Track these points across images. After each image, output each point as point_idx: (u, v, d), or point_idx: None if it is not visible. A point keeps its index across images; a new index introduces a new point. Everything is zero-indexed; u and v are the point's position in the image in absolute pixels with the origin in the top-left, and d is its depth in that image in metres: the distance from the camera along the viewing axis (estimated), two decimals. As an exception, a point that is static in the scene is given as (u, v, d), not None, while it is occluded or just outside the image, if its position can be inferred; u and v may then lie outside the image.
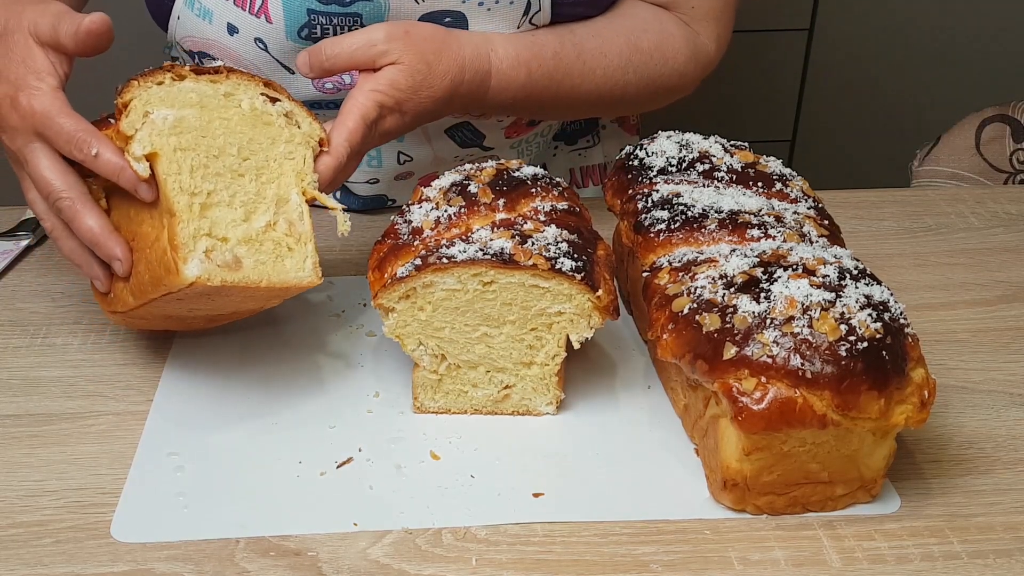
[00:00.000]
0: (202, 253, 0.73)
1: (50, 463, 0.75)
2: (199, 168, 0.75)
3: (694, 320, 0.71)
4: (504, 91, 0.94)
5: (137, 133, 0.74)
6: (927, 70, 2.36)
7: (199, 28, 0.99)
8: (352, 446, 0.77)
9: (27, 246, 1.02)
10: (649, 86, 1.03)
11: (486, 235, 0.77)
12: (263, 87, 0.79)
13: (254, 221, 0.76)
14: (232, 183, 0.76)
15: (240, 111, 0.77)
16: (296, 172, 0.78)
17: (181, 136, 0.74)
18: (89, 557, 0.67)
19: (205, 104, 0.76)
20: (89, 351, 0.87)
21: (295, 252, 0.77)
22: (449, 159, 1.10)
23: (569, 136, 1.22)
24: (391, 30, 0.86)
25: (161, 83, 0.76)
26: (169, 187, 0.73)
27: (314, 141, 0.80)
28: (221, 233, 0.75)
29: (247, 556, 0.67)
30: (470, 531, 0.70)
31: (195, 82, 0.77)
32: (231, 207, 0.75)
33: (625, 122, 1.27)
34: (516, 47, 0.94)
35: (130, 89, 0.75)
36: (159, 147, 0.74)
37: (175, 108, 0.75)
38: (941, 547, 0.69)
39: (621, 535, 0.69)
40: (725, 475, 0.70)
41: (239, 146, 0.76)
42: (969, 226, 1.10)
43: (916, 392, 0.68)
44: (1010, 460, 0.77)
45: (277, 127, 0.78)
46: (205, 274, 0.73)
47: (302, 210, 0.78)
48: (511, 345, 0.78)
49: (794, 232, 0.79)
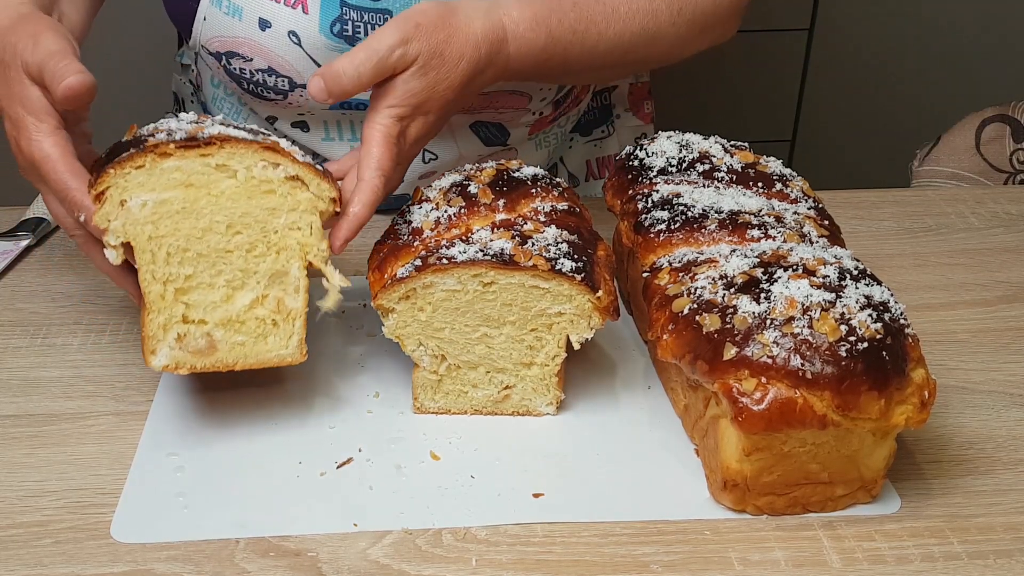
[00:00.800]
0: (172, 340, 0.72)
1: (50, 463, 0.75)
2: (178, 252, 0.72)
3: (694, 320, 0.71)
4: (526, 56, 0.87)
5: (111, 223, 0.70)
6: (927, 70, 2.36)
7: (228, 27, 0.97)
8: (352, 446, 0.77)
9: (27, 246, 1.02)
10: (682, 16, 0.95)
11: (486, 236, 0.77)
12: (263, 152, 0.72)
13: (238, 300, 0.74)
14: (217, 261, 0.73)
15: (235, 182, 0.72)
16: (301, 244, 0.74)
17: (159, 223, 0.71)
18: (89, 557, 0.67)
19: (192, 182, 0.71)
20: (89, 351, 0.87)
21: (280, 329, 0.75)
22: (472, 158, 1.10)
23: (584, 127, 1.22)
24: (403, 29, 0.80)
25: (141, 167, 0.70)
26: (141, 276, 0.71)
27: (324, 203, 0.74)
28: (197, 316, 0.73)
29: (247, 556, 0.67)
30: (470, 531, 0.70)
31: (181, 159, 0.71)
32: (212, 288, 0.73)
33: (640, 110, 1.26)
34: (531, 5, 0.87)
35: (105, 178, 0.70)
36: (132, 236, 0.70)
37: (156, 191, 0.70)
38: (941, 547, 0.69)
39: (621, 535, 0.69)
40: (725, 475, 0.70)
41: (229, 222, 0.72)
42: (969, 226, 1.10)
43: (916, 392, 0.68)
44: (1010, 460, 0.77)
45: (279, 195, 0.73)
46: (173, 363, 0.72)
47: (299, 284, 0.75)
48: (511, 346, 0.78)
49: (794, 232, 0.79)
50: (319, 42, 0.96)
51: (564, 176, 1.24)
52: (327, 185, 0.74)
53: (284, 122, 1.09)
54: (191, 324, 0.73)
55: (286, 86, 1.01)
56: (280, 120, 1.09)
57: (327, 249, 0.75)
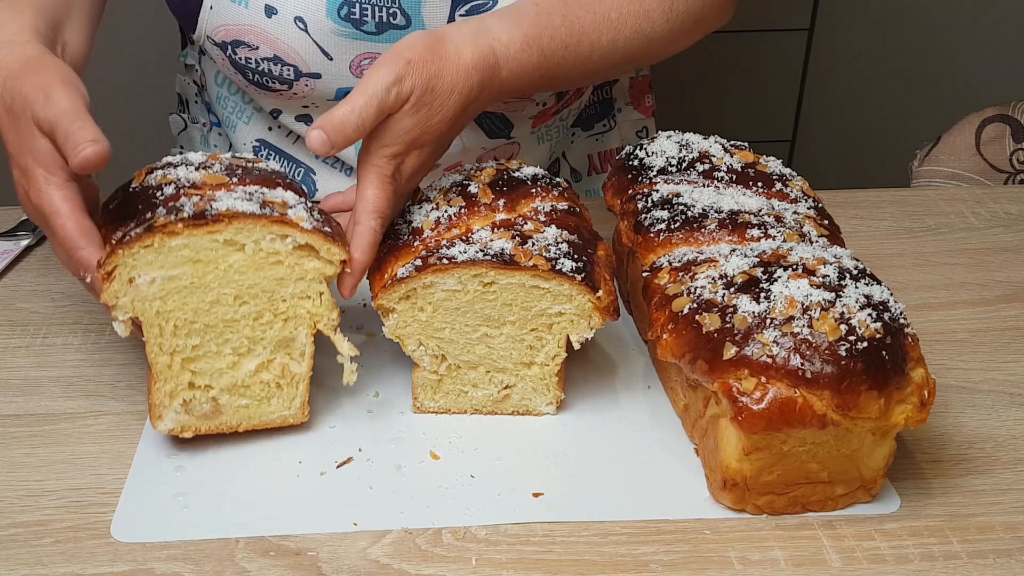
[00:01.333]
0: (178, 405, 0.74)
1: (50, 463, 0.75)
2: (185, 325, 0.72)
3: (694, 320, 0.71)
4: (520, 77, 0.86)
5: (120, 300, 0.70)
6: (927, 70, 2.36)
7: (234, 15, 0.98)
8: (352, 446, 0.77)
9: (27, 246, 1.02)
10: (674, 11, 0.93)
11: (486, 236, 0.77)
12: (272, 227, 0.71)
13: (243, 366, 0.75)
14: (225, 331, 0.73)
15: (243, 255, 0.72)
16: (310, 313, 0.75)
17: (167, 298, 0.71)
18: (89, 557, 0.67)
19: (200, 258, 0.71)
20: (89, 351, 0.87)
21: (283, 392, 0.77)
22: (476, 150, 1.10)
23: (585, 122, 1.22)
24: (396, 67, 0.77)
25: (149, 246, 0.69)
26: (149, 348, 0.72)
27: (334, 268, 0.74)
28: (203, 383, 0.74)
29: (247, 556, 0.67)
30: (470, 531, 0.70)
31: (189, 236, 0.70)
32: (219, 356, 0.74)
33: (640, 104, 1.26)
34: (519, 25, 0.85)
35: (114, 258, 0.69)
36: (140, 312, 0.71)
37: (164, 269, 0.70)
38: (941, 547, 0.69)
39: (621, 535, 0.70)
40: (725, 475, 0.70)
41: (237, 293, 0.72)
42: (969, 226, 1.10)
43: (916, 392, 0.68)
44: (1010, 460, 0.77)
45: (287, 266, 0.73)
46: (179, 427, 0.74)
47: (305, 350, 0.76)
48: (511, 345, 0.78)
49: (794, 232, 0.79)
50: (326, 27, 0.96)
51: (566, 171, 1.24)
52: (337, 249, 0.73)
53: (289, 115, 1.09)
54: (197, 390, 0.74)
55: (291, 75, 1.01)
56: (285, 113, 1.09)
57: (337, 318, 0.75)
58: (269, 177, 0.78)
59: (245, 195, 0.74)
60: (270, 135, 1.14)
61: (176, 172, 0.76)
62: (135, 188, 0.76)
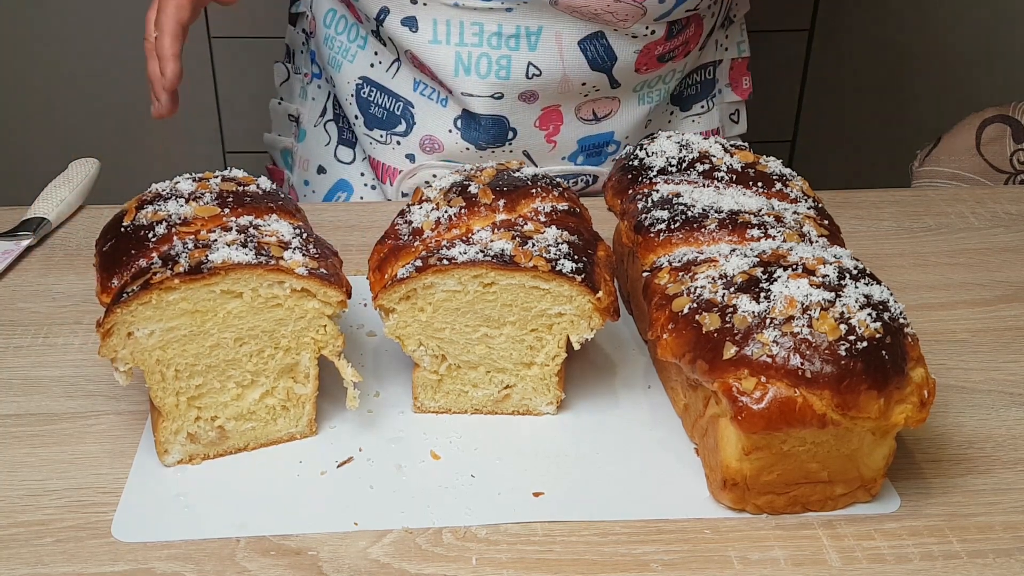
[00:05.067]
0: (184, 438, 0.74)
1: (51, 463, 0.75)
2: (186, 368, 0.73)
3: (694, 320, 0.71)
4: None
5: (119, 353, 0.70)
6: (927, 70, 2.35)
7: None
8: (352, 446, 0.77)
9: (27, 246, 1.02)
10: None
11: (486, 236, 0.77)
12: (268, 275, 0.71)
13: (248, 396, 0.75)
14: (227, 368, 0.74)
15: (241, 302, 0.72)
16: (314, 340, 0.75)
17: (166, 348, 0.71)
18: (90, 556, 0.67)
19: (198, 309, 0.71)
20: (89, 351, 0.87)
21: (290, 412, 0.77)
22: (576, 85, 1.09)
23: (685, 102, 1.22)
24: None
25: (147, 303, 0.69)
26: (153, 392, 0.73)
27: (332, 309, 0.74)
28: (209, 415, 0.75)
29: (247, 555, 0.67)
30: (470, 531, 0.70)
31: (186, 291, 0.70)
32: (223, 391, 0.75)
33: (738, 85, 1.29)
34: None
35: (112, 318, 0.69)
36: (140, 362, 0.71)
37: (162, 322, 0.70)
38: (941, 547, 0.69)
39: (621, 535, 0.70)
40: (725, 475, 0.70)
41: (237, 336, 0.73)
42: (969, 226, 1.10)
43: (916, 392, 0.68)
44: (1010, 460, 0.77)
45: (286, 308, 0.73)
46: (187, 456, 0.75)
47: (309, 373, 0.76)
48: (511, 346, 0.78)
49: (794, 232, 0.79)
50: None
51: None
52: (334, 292, 0.73)
53: (395, 16, 1.09)
54: (202, 421, 0.75)
55: None
56: (391, 14, 1.09)
57: (342, 344, 0.75)
58: (261, 203, 0.78)
59: (239, 233, 0.74)
60: (371, 71, 1.17)
61: (167, 207, 0.76)
62: (127, 227, 0.76)
